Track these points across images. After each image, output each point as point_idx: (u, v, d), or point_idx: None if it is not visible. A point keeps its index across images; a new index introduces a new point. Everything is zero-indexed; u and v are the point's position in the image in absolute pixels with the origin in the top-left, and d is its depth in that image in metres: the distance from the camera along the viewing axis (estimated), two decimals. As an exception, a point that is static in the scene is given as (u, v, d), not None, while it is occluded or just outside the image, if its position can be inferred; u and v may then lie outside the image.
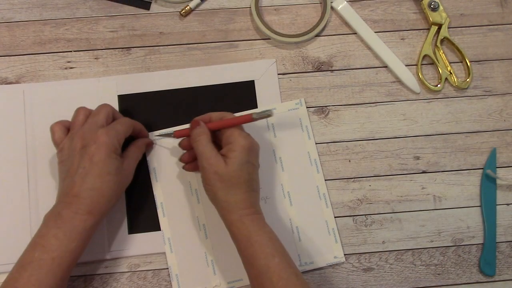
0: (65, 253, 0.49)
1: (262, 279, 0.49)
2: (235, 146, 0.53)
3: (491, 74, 0.66)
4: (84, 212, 0.50)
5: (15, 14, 0.65)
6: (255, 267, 0.50)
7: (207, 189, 0.54)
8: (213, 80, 0.64)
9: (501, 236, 0.62)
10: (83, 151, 0.52)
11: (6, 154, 0.61)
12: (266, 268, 0.49)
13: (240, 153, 0.52)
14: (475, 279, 0.61)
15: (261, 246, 0.51)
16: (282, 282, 0.49)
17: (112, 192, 0.52)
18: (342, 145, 0.64)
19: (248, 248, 0.51)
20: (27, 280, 0.48)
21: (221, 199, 0.52)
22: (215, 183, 0.52)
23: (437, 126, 0.65)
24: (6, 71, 0.63)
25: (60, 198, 0.52)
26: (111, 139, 0.52)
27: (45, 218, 0.52)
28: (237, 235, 0.52)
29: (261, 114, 0.54)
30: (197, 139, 0.54)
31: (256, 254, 0.50)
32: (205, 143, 0.53)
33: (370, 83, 0.65)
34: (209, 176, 0.52)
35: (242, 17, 0.66)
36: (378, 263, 0.61)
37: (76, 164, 0.52)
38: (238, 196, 0.52)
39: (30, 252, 0.50)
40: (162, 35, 0.65)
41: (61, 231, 0.50)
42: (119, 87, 0.63)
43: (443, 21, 0.66)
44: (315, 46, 0.66)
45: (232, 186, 0.52)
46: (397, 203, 0.63)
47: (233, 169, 0.51)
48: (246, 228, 0.51)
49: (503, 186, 0.63)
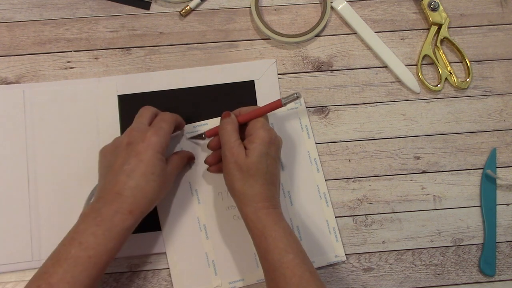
0: (103, 252, 0.47)
1: (275, 274, 0.49)
2: (255, 137, 0.53)
3: (491, 74, 0.66)
4: (125, 211, 0.49)
5: (15, 14, 0.65)
6: (269, 261, 0.50)
7: (226, 179, 0.54)
8: (213, 80, 0.64)
9: (501, 236, 0.62)
10: (130, 148, 0.51)
11: (6, 154, 0.61)
12: (280, 263, 0.49)
13: (259, 144, 0.52)
14: (475, 279, 0.61)
15: (275, 241, 0.50)
16: (295, 278, 0.48)
17: (154, 194, 0.51)
18: (342, 145, 0.64)
19: (262, 242, 0.51)
20: (62, 276, 0.46)
21: (238, 190, 0.52)
22: (234, 172, 0.52)
23: (437, 126, 0.65)
24: (6, 71, 0.63)
25: (101, 194, 0.50)
26: (160, 139, 0.52)
27: (83, 214, 0.50)
28: (252, 228, 0.52)
29: (290, 98, 0.55)
30: (224, 128, 0.54)
31: (270, 249, 0.50)
32: (230, 132, 0.53)
33: (370, 83, 0.65)
34: (229, 166, 0.52)
35: (242, 17, 0.66)
36: (378, 263, 0.61)
37: (120, 161, 0.50)
38: (255, 189, 0.52)
39: (67, 247, 0.48)
40: (162, 35, 0.65)
41: (100, 229, 0.48)
42: (119, 87, 0.63)
43: (443, 21, 0.66)
44: (315, 46, 0.66)
45: (250, 177, 0.52)
46: (397, 203, 0.63)
47: (252, 161, 0.51)
48: (260, 222, 0.51)
49: (503, 186, 0.63)
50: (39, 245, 0.59)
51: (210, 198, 0.61)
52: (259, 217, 0.51)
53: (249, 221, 0.52)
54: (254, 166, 0.51)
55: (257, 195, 0.52)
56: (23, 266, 0.58)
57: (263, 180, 0.52)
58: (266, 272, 0.51)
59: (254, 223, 0.51)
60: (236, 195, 0.53)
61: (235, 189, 0.52)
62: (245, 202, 0.52)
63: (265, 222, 0.51)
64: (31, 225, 0.59)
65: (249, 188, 0.52)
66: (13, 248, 0.59)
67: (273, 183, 0.54)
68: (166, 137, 0.53)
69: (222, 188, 0.61)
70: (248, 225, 0.52)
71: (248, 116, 0.55)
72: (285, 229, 0.51)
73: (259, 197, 0.52)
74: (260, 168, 0.52)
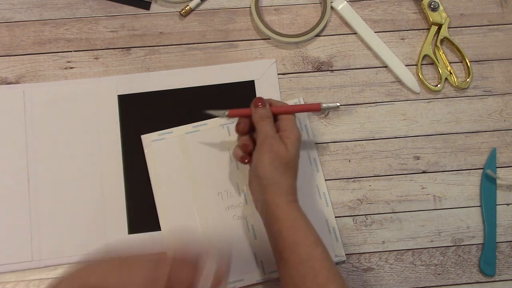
0: None
1: (303, 267, 0.50)
2: (291, 134, 0.54)
3: (491, 74, 0.66)
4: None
5: (15, 14, 0.65)
6: (297, 253, 0.50)
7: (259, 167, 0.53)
8: (213, 80, 0.64)
9: (501, 236, 0.62)
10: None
11: (6, 154, 0.61)
12: (309, 256, 0.50)
13: (295, 141, 0.54)
14: (475, 279, 0.61)
15: (305, 234, 0.51)
16: (324, 271, 0.49)
17: None
18: (342, 145, 0.64)
19: (292, 234, 0.51)
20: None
21: (275, 181, 0.53)
22: (274, 162, 0.52)
23: (437, 126, 0.65)
24: (6, 71, 0.63)
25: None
26: None
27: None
28: (282, 219, 0.52)
29: (330, 106, 0.57)
30: (264, 120, 0.55)
31: (300, 241, 0.51)
32: (270, 126, 0.54)
33: (370, 83, 0.65)
34: (269, 156, 0.53)
35: (242, 17, 0.66)
36: (378, 263, 0.61)
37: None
38: (289, 181, 0.53)
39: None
40: (162, 35, 0.65)
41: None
42: (119, 87, 0.63)
43: (443, 21, 0.66)
44: (315, 46, 0.66)
45: (287, 170, 0.53)
46: (397, 203, 0.63)
47: (291, 155, 0.53)
48: (292, 213, 0.52)
49: (503, 186, 0.63)
50: (39, 245, 0.59)
51: (210, 198, 0.61)
52: (291, 209, 0.52)
53: (280, 211, 0.52)
54: (293, 160, 0.53)
55: (290, 187, 0.53)
56: (23, 266, 0.58)
57: (295, 174, 0.54)
58: (291, 266, 0.51)
59: (285, 214, 0.52)
60: (270, 184, 0.53)
61: (270, 178, 0.53)
62: (279, 193, 0.53)
63: (296, 214, 0.52)
64: (31, 225, 0.59)
65: (285, 180, 0.53)
66: (13, 248, 0.59)
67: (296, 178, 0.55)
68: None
69: (222, 188, 0.61)
70: (276, 216, 0.52)
71: (282, 110, 0.56)
72: (311, 224, 0.53)
73: (292, 190, 0.53)
74: (295, 163, 0.54)
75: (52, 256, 0.59)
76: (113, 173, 0.61)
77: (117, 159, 0.61)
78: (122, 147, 0.62)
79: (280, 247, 0.52)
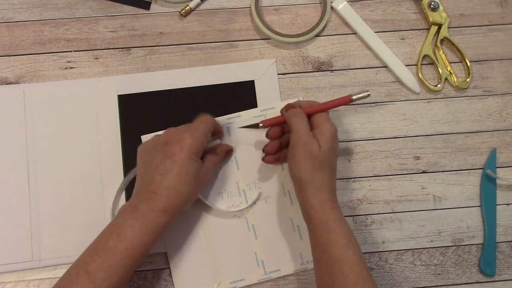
0: (138, 244, 0.50)
1: (333, 268, 0.50)
2: (323, 130, 0.53)
3: (491, 74, 0.66)
4: (159, 209, 0.51)
5: (15, 14, 0.65)
6: (328, 254, 0.50)
7: (293, 168, 0.53)
8: (213, 80, 0.64)
9: (501, 236, 0.62)
10: (166, 148, 0.52)
11: (6, 154, 0.61)
12: (340, 258, 0.50)
13: (328, 137, 0.53)
14: (475, 279, 0.61)
15: (338, 235, 0.51)
16: (353, 274, 0.49)
17: (188, 193, 0.53)
18: (342, 145, 0.64)
19: (324, 234, 0.51)
20: (100, 265, 0.48)
21: (308, 179, 0.52)
22: (307, 162, 0.52)
23: (437, 126, 0.65)
24: (6, 71, 0.63)
25: (139, 192, 0.53)
26: (195, 141, 0.52)
27: (121, 209, 0.52)
28: (315, 219, 0.52)
29: (360, 96, 0.56)
30: (296, 119, 0.54)
31: (332, 243, 0.50)
32: (304, 123, 0.54)
33: (370, 83, 0.65)
34: (301, 155, 0.52)
35: (242, 17, 0.66)
36: (378, 263, 0.61)
37: (157, 160, 0.52)
38: (323, 180, 0.52)
39: (105, 238, 0.50)
40: (162, 35, 0.65)
41: (137, 223, 0.50)
42: (119, 87, 0.63)
43: (443, 21, 0.66)
44: (315, 46, 0.66)
45: (321, 168, 0.52)
46: (397, 203, 0.63)
47: (324, 152, 0.52)
48: (325, 213, 0.52)
49: (503, 186, 0.63)
50: (39, 245, 0.59)
51: (211, 198, 0.61)
52: (324, 209, 0.52)
53: (313, 211, 0.52)
54: (326, 158, 0.52)
55: (325, 186, 0.52)
56: (23, 266, 0.58)
57: (330, 172, 0.53)
58: (322, 266, 0.51)
59: (318, 214, 0.52)
60: (304, 184, 0.53)
61: (303, 178, 0.52)
62: (313, 193, 0.52)
63: (330, 215, 0.52)
64: (31, 225, 0.59)
65: (319, 179, 0.52)
66: (13, 248, 0.59)
67: (335, 177, 0.55)
68: (202, 139, 0.54)
69: (223, 188, 0.61)
70: (310, 215, 0.52)
71: (315, 109, 0.56)
72: (347, 225, 0.52)
73: (327, 189, 0.53)
74: (330, 161, 0.53)
75: (52, 256, 0.59)
76: (113, 173, 0.61)
77: (117, 159, 0.61)
78: (122, 147, 0.62)
79: (313, 246, 0.53)
